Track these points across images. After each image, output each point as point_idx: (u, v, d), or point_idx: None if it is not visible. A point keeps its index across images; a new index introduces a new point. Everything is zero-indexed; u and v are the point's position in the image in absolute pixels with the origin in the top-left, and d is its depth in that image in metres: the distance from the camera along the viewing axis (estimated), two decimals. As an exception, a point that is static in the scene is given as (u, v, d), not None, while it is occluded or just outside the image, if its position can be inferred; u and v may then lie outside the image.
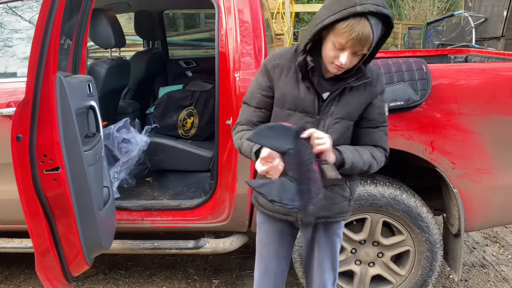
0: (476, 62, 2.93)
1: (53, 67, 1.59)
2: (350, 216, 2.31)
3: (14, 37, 2.64)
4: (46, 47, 1.53)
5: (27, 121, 1.55)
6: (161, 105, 3.02)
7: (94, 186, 1.84)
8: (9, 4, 2.52)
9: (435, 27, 8.91)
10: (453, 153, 2.18)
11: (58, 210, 1.67)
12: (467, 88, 2.15)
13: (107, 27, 2.64)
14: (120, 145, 2.70)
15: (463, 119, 2.15)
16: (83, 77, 2.13)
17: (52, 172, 1.62)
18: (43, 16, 1.51)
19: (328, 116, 1.52)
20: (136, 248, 2.49)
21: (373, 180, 2.33)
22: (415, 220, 2.28)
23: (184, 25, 9.63)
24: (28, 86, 1.55)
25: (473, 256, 3.13)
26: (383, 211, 2.29)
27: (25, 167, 1.59)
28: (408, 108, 2.13)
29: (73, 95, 1.77)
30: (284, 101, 1.53)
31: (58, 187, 1.63)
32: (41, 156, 1.60)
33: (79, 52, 2.25)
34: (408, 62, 2.19)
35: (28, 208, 1.63)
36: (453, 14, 8.58)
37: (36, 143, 1.59)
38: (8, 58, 2.50)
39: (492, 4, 8.59)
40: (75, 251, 1.81)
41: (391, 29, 1.41)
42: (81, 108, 1.94)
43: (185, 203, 2.56)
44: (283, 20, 6.97)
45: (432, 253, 2.32)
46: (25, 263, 3.05)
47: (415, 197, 2.32)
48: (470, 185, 2.21)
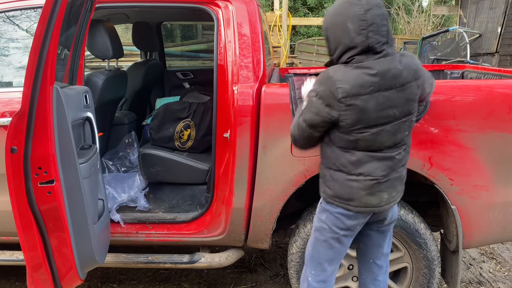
0: (472, 78, 2.94)
1: (50, 78, 1.57)
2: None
3: (10, 46, 2.62)
4: (43, 57, 1.51)
5: (22, 133, 1.52)
6: (158, 117, 3.00)
7: (89, 199, 1.81)
8: (7, 14, 2.51)
9: (430, 42, 8.98)
10: (451, 169, 2.17)
11: (51, 223, 1.64)
12: (464, 104, 2.16)
13: (105, 38, 2.63)
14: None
15: (461, 135, 2.14)
16: (80, 88, 2.11)
17: (46, 185, 1.58)
18: (42, 26, 1.50)
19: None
20: (130, 262, 2.45)
21: (371, 196, 2.31)
22: (413, 236, 2.26)
23: (181, 36, 9.66)
24: (25, 97, 1.52)
25: (470, 272, 3.11)
26: (381, 226, 2.26)
27: (19, 179, 1.56)
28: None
29: (69, 106, 1.75)
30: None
31: (52, 201, 1.60)
32: (35, 169, 1.57)
33: (76, 63, 2.23)
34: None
35: (21, 221, 1.60)
36: (448, 30, 8.66)
37: (31, 155, 1.56)
38: (4, 67, 2.47)
39: (487, 21, 8.71)
40: (68, 266, 1.77)
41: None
42: (78, 120, 1.91)
43: (181, 216, 2.53)
44: (280, 33, 7.00)
45: (430, 270, 2.30)
46: (15, 275, 2.98)
47: (413, 213, 2.31)
48: (468, 202, 2.20)
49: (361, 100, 1.55)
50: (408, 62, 1.63)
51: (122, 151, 3.03)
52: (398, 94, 1.60)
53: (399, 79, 1.59)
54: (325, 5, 12.85)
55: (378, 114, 1.58)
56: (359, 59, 1.58)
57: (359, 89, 1.55)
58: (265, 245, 2.43)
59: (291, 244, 2.42)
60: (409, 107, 1.65)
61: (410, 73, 1.62)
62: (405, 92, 1.61)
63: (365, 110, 1.56)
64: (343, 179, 1.70)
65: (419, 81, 1.66)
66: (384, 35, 1.58)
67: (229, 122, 2.29)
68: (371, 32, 1.55)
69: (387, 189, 1.72)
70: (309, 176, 2.22)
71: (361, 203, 1.71)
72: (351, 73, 1.56)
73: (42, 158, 1.56)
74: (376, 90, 1.56)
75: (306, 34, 12.83)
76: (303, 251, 2.30)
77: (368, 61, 1.57)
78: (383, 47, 1.59)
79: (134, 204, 2.65)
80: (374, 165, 1.66)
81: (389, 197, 1.75)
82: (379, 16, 1.56)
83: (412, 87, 1.63)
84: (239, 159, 2.26)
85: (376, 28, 1.55)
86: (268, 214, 2.31)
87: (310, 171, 2.22)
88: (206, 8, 2.39)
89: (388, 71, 1.57)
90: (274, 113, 2.20)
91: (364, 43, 1.56)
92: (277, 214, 2.31)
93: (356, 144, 1.64)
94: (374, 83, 1.55)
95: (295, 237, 2.38)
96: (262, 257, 3.28)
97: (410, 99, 1.64)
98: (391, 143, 1.66)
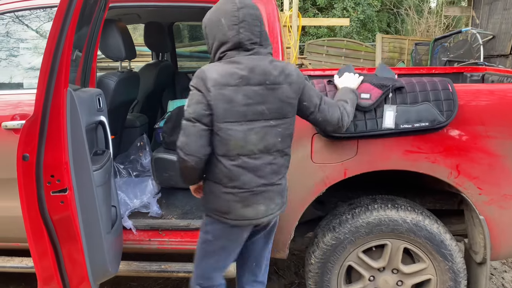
0: (494, 81, 2.84)
1: (65, 81, 1.48)
2: (369, 241, 2.21)
3: (21, 47, 2.56)
4: (58, 59, 1.43)
5: (35, 139, 1.44)
6: (172, 120, 2.92)
7: (103, 208, 1.73)
8: (16, 13, 2.45)
9: (442, 43, 8.87)
10: (479, 177, 2.07)
11: (63, 233, 1.55)
12: (494, 109, 2.06)
13: (118, 38, 2.55)
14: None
15: (490, 142, 2.05)
16: (93, 90, 2.03)
17: (59, 194, 1.50)
18: (56, 27, 1.41)
19: None
20: (142, 271, 2.37)
21: (394, 205, 2.22)
22: (438, 247, 2.16)
23: (189, 37, 9.59)
24: (38, 102, 1.44)
25: (492, 283, 3.00)
26: (405, 237, 2.17)
27: (30, 188, 1.47)
28: (433, 129, 2.04)
29: (83, 110, 1.67)
30: None
31: (65, 210, 1.52)
32: (48, 177, 1.49)
33: (89, 64, 2.16)
34: (433, 81, 2.10)
35: (32, 231, 1.52)
36: (461, 31, 8.56)
37: (44, 163, 1.47)
38: (13, 68, 2.41)
39: (500, 22, 8.55)
40: (80, 277, 1.69)
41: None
42: (91, 124, 1.84)
43: (195, 223, 2.45)
44: (290, 33, 6.91)
45: (455, 282, 2.20)
46: (24, 281, 2.92)
47: (438, 223, 2.21)
48: (497, 212, 2.10)
49: (230, 90, 1.60)
50: (281, 65, 1.68)
51: (133, 155, 2.95)
52: (268, 91, 1.64)
53: (269, 76, 1.63)
54: (335, 5, 12.74)
55: (247, 108, 1.62)
56: (230, 55, 1.65)
57: (228, 79, 1.60)
58: (282, 255, 2.34)
59: (309, 254, 2.33)
60: (281, 110, 1.67)
61: (281, 74, 1.65)
62: (276, 91, 1.65)
63: (233, 101, 1.61)
64: (219, 191, 1.71)
65: (293, 85, 1.68)
66: (257, 35, 1.66)
67: (246, 127, 2.21)
68: (242, 28, 1.62)
69: (264, 200, 1.72)
70: (330, 184, 2.14)
71: (237, 215, 1.71)
72: (222, 67, 1.63)
73: (55, 165, 1.48)
74: (244, 83, 1.62)
75: (315, 35, 12.73)
76: (322, 262, 2.22)
77: (238, 57, 1.64)
78: (254, 46, 1.66)
79: (147, 210, 2.57)
80: (248, 176, 1.68)
81: (267, 209, 1.74)
82: (251, 15, 1.64)
83: (284, 88, 1.66)
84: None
85: (247, 25, 1.63)
86: (286, 223, 2.22)
87: (331, 179, 2.13)
88: (223, 8, 2.30)
89: (256, 67, 1.63)
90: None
91: (234, 38, 1.63)
92: (295, 223, 2.23)
93: (229, 146, 1.64)
94: (242, 76, 1.61)
95: (314, 247, 2.29)
96: (276, 264, 3.18)
97: (283, 101, 1.66)
98: (262, 147, 1.67)
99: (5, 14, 2.35)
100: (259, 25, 1.67)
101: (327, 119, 1.78)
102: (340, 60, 11.10)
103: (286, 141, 1.74)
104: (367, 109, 2.03)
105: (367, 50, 11.36)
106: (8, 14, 2.34)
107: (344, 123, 1.82)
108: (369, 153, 2.10)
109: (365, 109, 2.03)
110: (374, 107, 2.03)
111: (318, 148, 2.11)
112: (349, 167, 2.11)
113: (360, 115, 2.02)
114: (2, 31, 2.45)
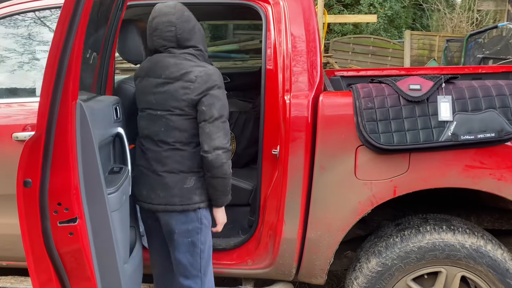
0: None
1: (73, 93, 1.26)
2: (421, 268, 1.93)
3: (36, 50, 2.39)
4: (64, 68, 1.20)
5: (38, 162, 1.22)
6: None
7: (119, 235, 1.51)
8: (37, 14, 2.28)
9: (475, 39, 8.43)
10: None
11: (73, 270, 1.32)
12: None
13: (138, 40, 2.32)
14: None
15: None
16: (109, 99, 1.82)
17: (67, 224, 1.27)
18: (62, 30, 1.19)
19: None
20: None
21: (450, 226, 1.94)
22: (503, 277, 1.88)
23: (211, 36, 9.41)
24: (40, 118, 1.22)
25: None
26: (462, 264, 1.90)
27: (33, 219, 1.25)
28: (500, 141, 1.75)
29: (96, 124, 1.45)
30: None
31: (74, 242, 1.29)
32: (54, 205, 1.26)
33: (106, 69, 1.96)
34: (498, 85, 1.81)
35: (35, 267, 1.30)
36: (497, 26, 8.09)
37: (49, 189, 1.24)
38: (26, 73, 2.23)
39: (540, 15, 8.05)
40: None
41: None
42: (106, 138, 1.62)
43: (220, 242, 2.21)
44: (315, 32, 6.63)
45: (522, 317, 1.90)
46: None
47: (502, 248, 1.92)
48: None
49: (139, 81, 1.86)
50: (184, 64, 1.74)
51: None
52: (161, 85, 1.75)
53: (165, 71, 1.74)
54: (361, 1, 12.33)
55: (144, 97, 1.81)
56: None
57: (139, 72, 1.88)
58: (320, 281, 2.09)
59: (350, 280, 2.07)
60: (168, 103, 1.73)
61: (179, 72, 1.72)
62: (168, 86, 1.73)
63: (140, 91, 1.85)
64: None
65: (188, 84, 1.71)
66: (170, 40, 1.78)
67: (279, 137, 1.98)
68: (155, 36, 1.79)
69: (145, 185, 1.78)
70: (377, 203, 1.88)
71: (134, 192, 1.83)
72: (143, 63, 1.92)
73: (63, 191, 1.25)
74: (146, 75, 1.82)
75: (340, 32, 12.34)
76: (366, 290, 1.96)
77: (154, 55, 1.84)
78: (168, 49, 1.79)
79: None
80: (140, 154, 1.82)
81: (147, 195, 1.78)
82: (163, 23, 1.76)
83: (177, 85, 1.72)
84: (290, 181, 1.93)
85: (159, 33, 1.77)
86: (325, 246, 1.97)
87: (378, 198, 1.87)
88: (253, 4, 2.07)
89: (159, 62, 1.78)
90: (334, 127, 1.88)
91: (151, 47, 1.85)
92: (335, 247, 1.98)
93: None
94: (146, 68, 1.83)
95: (356, 273, 2.03)
96: (309, 285, 2.92)
97: (172, 95, 1.73)
98: (147, 133, 1.79)
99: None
100: (173, 30, 1.76)
101: (203, 139, 1.72)
102: (366, 58, 10.70)
103: (169, 133, 1.74)
104: (417, 100, 1.78)
105: (395, 47, 10.92)
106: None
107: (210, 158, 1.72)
108: (423, 169, 1.83)
109: (415, 99, 1.78)
110: (426, 98, 1.78)
111: (363, 163, 1.85)
112: (400, 184, 1.85)
113: (411, 112, 1.78)
114: (17, 35, 2.29)
